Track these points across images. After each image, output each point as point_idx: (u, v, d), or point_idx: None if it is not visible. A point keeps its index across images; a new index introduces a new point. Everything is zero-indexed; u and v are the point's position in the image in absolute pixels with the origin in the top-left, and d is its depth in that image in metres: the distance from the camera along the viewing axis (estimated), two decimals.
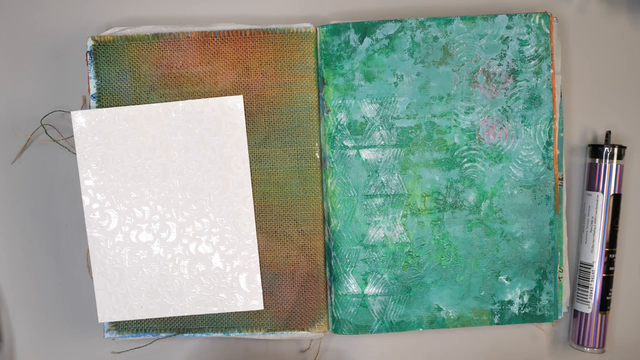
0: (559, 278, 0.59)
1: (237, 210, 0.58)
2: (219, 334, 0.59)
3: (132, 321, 0.59)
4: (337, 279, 0.58)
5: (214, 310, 0.58)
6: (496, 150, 0.58)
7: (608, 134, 0.60)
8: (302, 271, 0.59)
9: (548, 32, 0.58)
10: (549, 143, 0.58)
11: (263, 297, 0.58)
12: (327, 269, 0.59)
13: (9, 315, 0.62)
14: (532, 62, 0.58)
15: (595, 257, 0.60)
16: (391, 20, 0.58)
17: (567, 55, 0.62)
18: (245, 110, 0.58)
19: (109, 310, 0.58)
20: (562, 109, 0.59)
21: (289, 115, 0.58)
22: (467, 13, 0.61)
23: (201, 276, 0.58)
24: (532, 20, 0.58)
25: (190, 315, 0.59)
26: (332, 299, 0.59)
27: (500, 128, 0.58)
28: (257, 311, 0.59)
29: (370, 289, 0.58)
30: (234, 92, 0.58)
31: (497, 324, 0.59)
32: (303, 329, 0.59)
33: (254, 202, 0.58)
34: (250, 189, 0.58)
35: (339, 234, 0.58)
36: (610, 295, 0.60)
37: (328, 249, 0.59)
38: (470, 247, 0.59)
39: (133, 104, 0.58)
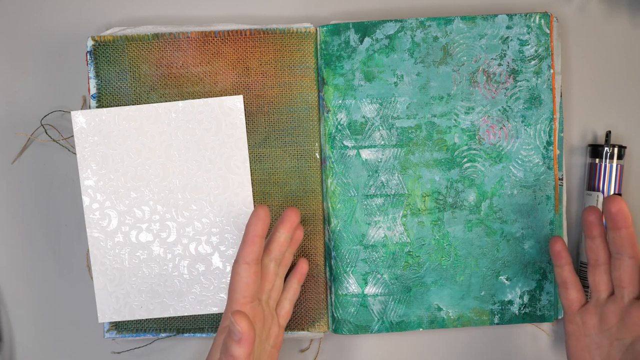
0: None
1: (237, 210, 0.58)
2: None
3: (132, 321, 0.59)
4: (337, 279, 0.58)
5: (214, 310, 0.58)
6: (496, 150, 0.58)
7: (608, 134, 0.60)
8: None
9: (548, 32, 0.58)
10: (549, 143, 0.58)
11: None
12: (327, 269, 0.59)
13: (9, 315, 0.62)
14: (532, 62, 0.58)
15: None
16: (391, 20, 0.58)
17: (567, 55, 0.61)
18: (245, 110, 0.58)
19: (109, 310, 0.58)
20: (562, 109, 0.59)
21: (289, 115, 0.58)
22: (467, 13, 0.61)
23: (201, 276, 0.58)
24: (532, 20, 0.58)
25: (190, 315, 0.59)
26: (332, 299, 0.59)
27: (501, 128, 0.58)
28: None
29: (370, 289, 0.58)
30: (234, 92, 0.58)
31: (497, 324, 0.59)
32: (303, 329, 0.59)
33: (254, 202, 0.58)
34: (250, 189, 0.58)
35: (339, 234, 0.58)
36: None
37: (328, 249, 0.59)
38: (470, 247, 0.59)
39: (133, 104, 0.58)
